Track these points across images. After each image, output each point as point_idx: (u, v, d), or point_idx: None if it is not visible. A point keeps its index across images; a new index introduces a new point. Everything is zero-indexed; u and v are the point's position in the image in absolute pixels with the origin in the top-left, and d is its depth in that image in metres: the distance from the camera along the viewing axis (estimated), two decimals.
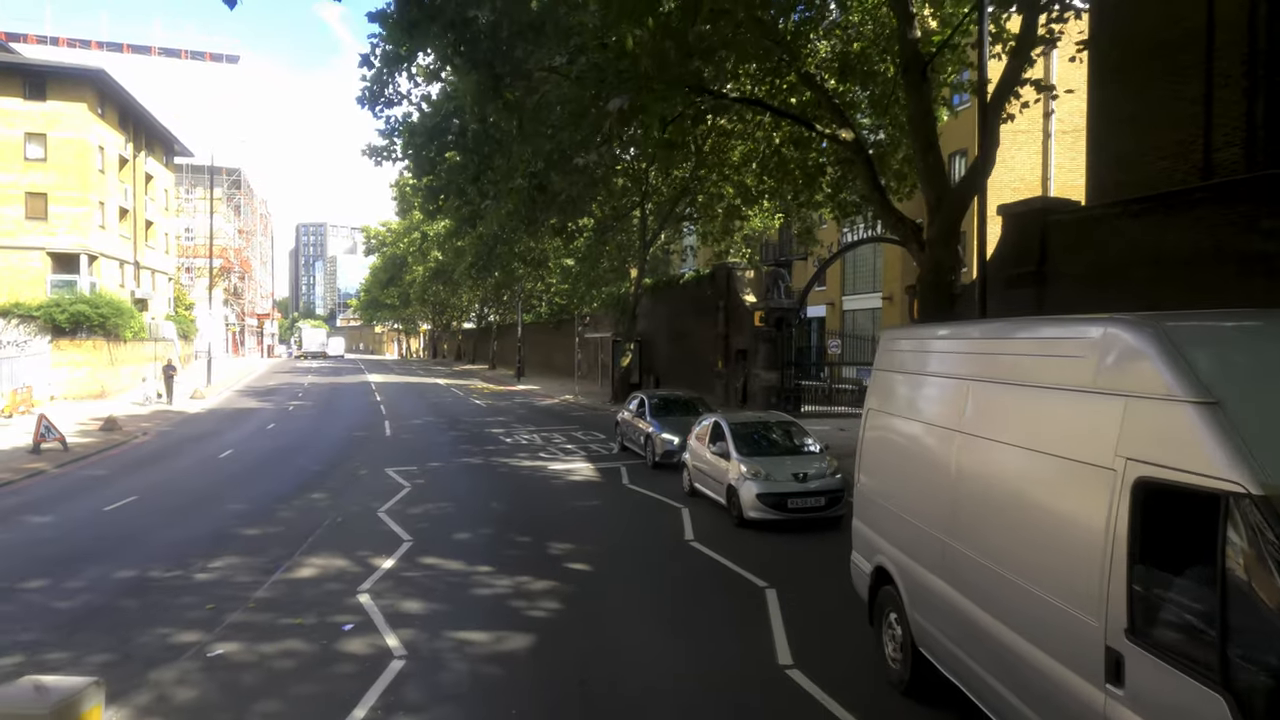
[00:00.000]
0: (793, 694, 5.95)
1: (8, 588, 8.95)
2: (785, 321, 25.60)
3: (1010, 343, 4.65)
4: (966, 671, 4.82)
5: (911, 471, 5.66)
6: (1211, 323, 3.80)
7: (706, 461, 12.88)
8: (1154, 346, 3.36)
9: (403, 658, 6.65)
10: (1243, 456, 2.85)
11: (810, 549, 10.09)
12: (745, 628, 7.33)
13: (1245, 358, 3.31)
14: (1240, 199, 13.39)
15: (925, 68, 15.03)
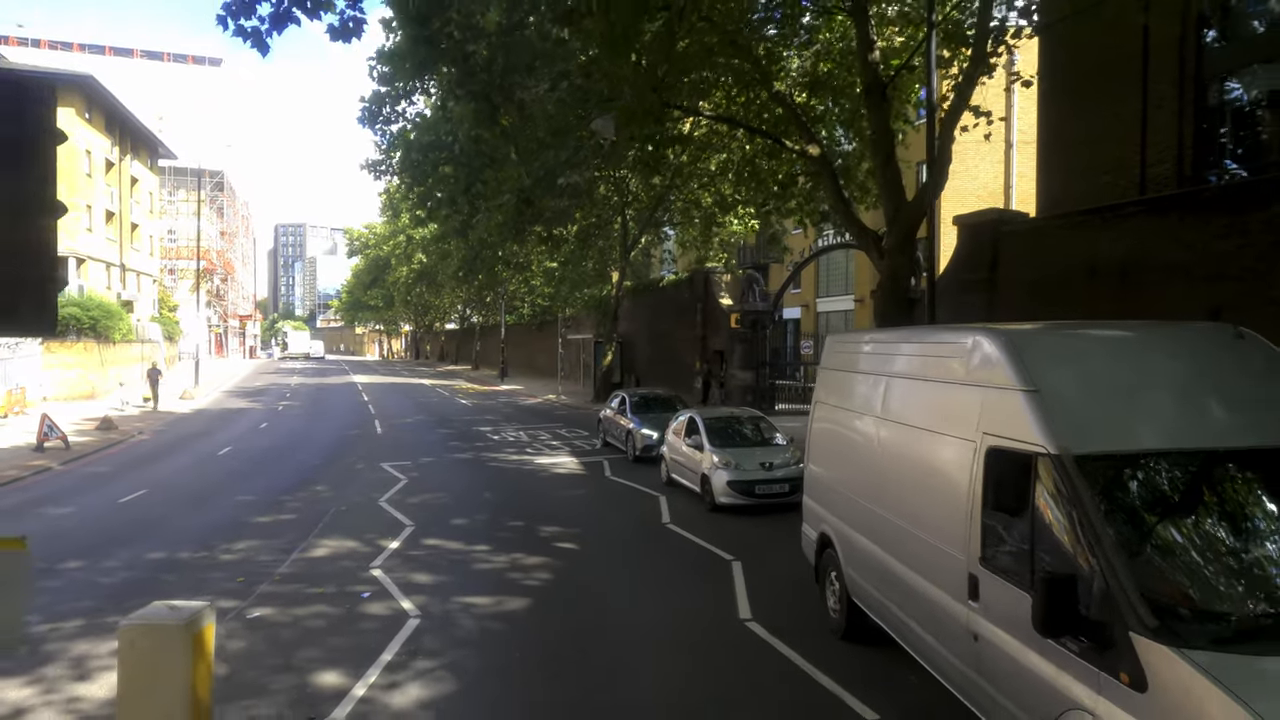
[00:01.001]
0: (749, 640, 7.11)
1: (48, 568, 9.87)
2: (760, 323, 26.83)
3: (913, 346, 5.82)
4: (885, 610, 5.99)
5: (846, 452, 6.83)
6: (1042, 331, 5.01)
7: (682, 454, 14.03)
8: (1003, 351, 4.54)
9: (417, 617, 7.73)
10: (1047, 427, 4.02)
11: (774, 529, 11.26)
12: (712, 591, 8.48)
13: (1059, 358, 4.49)
14: (1166, 212, 14.78)
15: (885, 89, 16.27)
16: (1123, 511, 3.76)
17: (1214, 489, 3.96)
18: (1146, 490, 3.97)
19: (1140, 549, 3.62)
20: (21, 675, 6.42)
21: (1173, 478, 4.01)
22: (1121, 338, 4.80)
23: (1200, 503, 3.93)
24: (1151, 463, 3.99)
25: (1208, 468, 3.98)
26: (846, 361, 7.13)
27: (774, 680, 6.25)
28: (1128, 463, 3.95)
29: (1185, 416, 4.15)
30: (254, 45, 7.90)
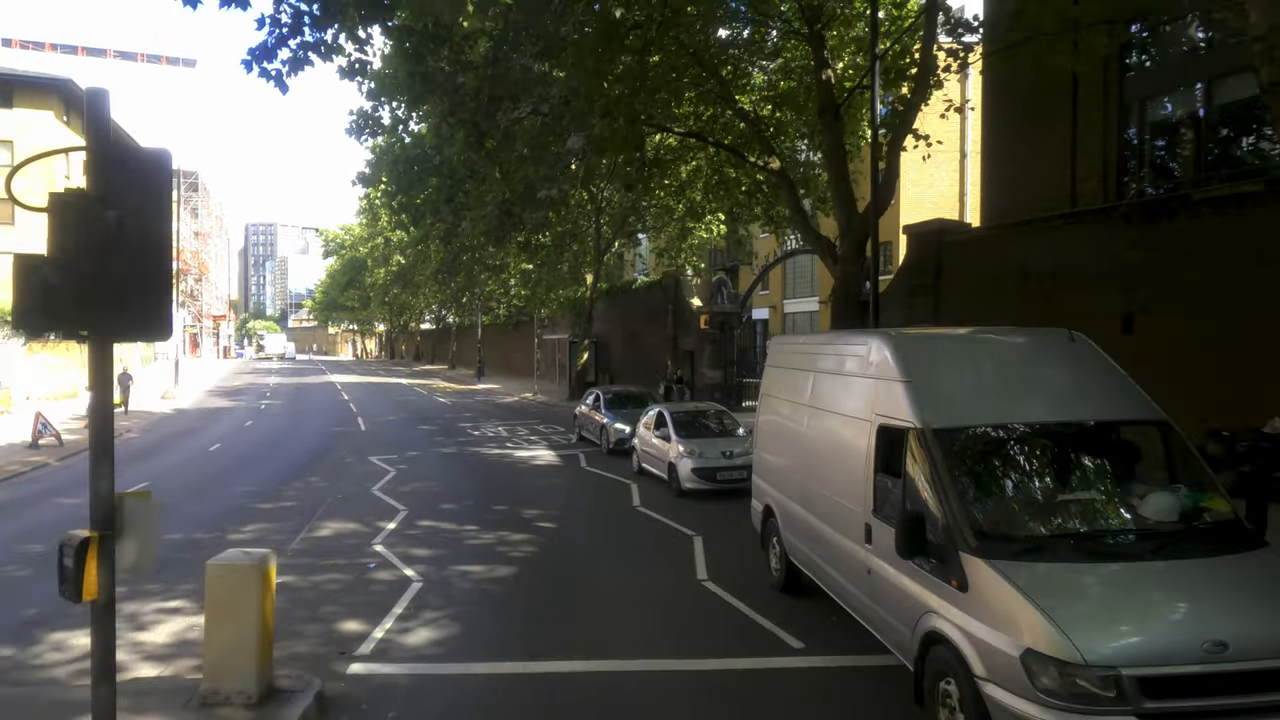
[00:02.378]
0: (704, 595, 8.43)
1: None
2: (728, 324, 28.26)
3: (832, 347, 7.17)
4: (812, 563, 7.34)
5: (785, 435, 8.18)
6: (919, 335, 6.39)
7: (652, 445, 15.35)
8: (889, 352, 5.90)
9: (419, 581, 8.95)
10: (916, 409, 5.38)
11: (732, 510, 12.58)
12: (675, 559, 9.80)
13: (928, 357, 5.86)
14: (1086, 225, 16.40)
15: (838, 109, 17.72)
16: (961, 467, 5.13)
17: (1025, 451, 5.36)
18: (978, 452, 5.34)
19: (970, 494, 4.99)
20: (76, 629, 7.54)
21: (998, 443, 5.39)
22: (977, 340, 6.21)
23: (1014, 461, 5.32)
24: (984, 433, 5.38)
25: (1023, 436, 5.38)
26: (785, 360, 8.49)
27: (722, 622, 7.58)
28: (967, 433, 5.32)
29: (1013, 400, 5.55)
30: (276, 85, 9.06)
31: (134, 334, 4.71)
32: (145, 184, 4.57)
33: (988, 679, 4.37)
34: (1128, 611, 4.30)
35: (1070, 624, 4.11)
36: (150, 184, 4.60)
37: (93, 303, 4.29)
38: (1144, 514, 4.96)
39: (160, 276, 4.65)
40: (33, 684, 6.35)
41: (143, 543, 4.58)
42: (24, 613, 8.15)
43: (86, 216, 4.24)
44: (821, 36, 17.46)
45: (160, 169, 4.68)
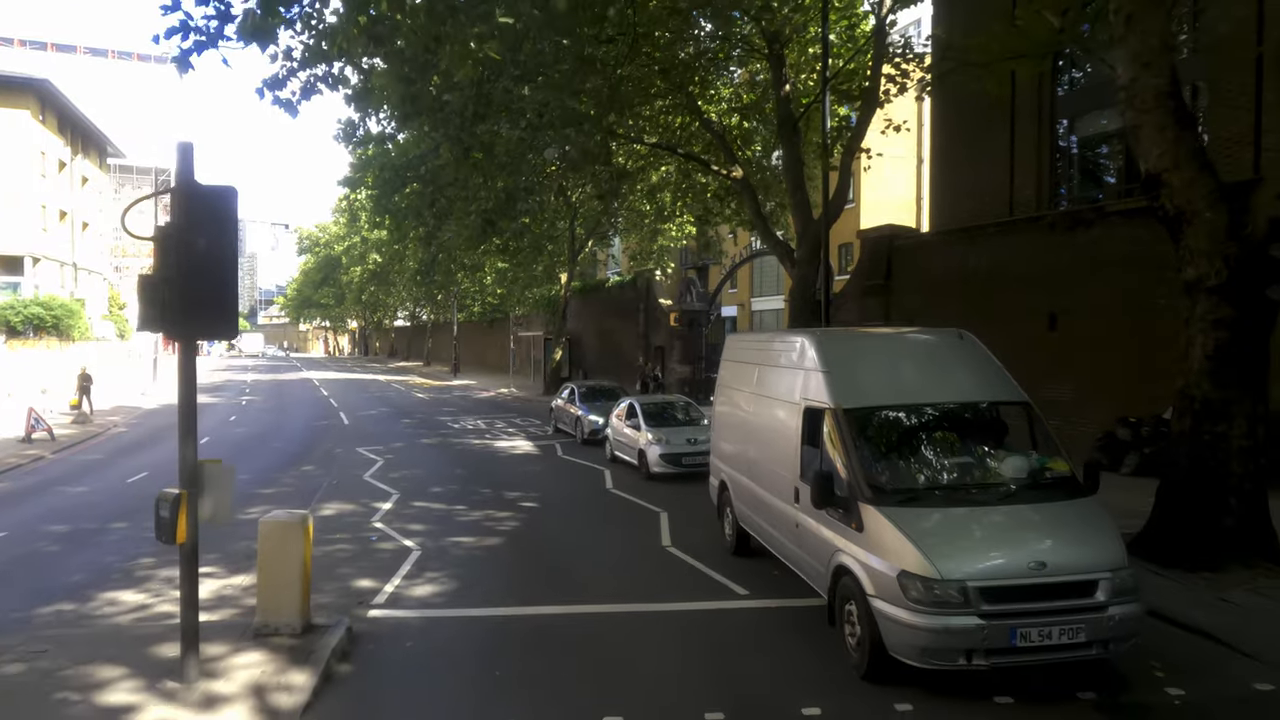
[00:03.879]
0: (668, 557, 9.79)
1: (100, 528, 12.04)
2: (697, 322, 29.67)
3: (773, 343, 8.55)
4: (757, 526, 8.72)
5: (736, 418, 9.55)
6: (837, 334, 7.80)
7: (624, 434, 16.67)
8: (814, 347, 7.28)
9: (418, 550, 10.19)
10: (831, 393, 6.76)
11: (696, 490, 13.90)
12: (643, 531, 11.15)
13: (842, 351, 7.26)
14: (1016, 233, 18.02)
15: (796, 124, 19.16)
16: (863, 437, 6.52)
17: (914, 425, 6.78)
18: (876, 426, 6.74)
19: (869, 458, 6.38)
20: (131, 588, 8.71)
21: (893, 419, 6.80)
22: (885, 338, 7.64)
23: (905, 432, 6.74)
24: (883, 411, 6.79)
25: (910, 414, 6.81)
26: (737, 355, 9.87)
27: (682, 577, 8.94)
28: (869, 412, 6.72)
29: (909, 385, 6.97)
30: (286, 111, 10.21)
31: (212, 334, 5.95)
32: (217, 215, 5.81)
33: (875, 596, 5.76)
34: (975, 541, 5.73)
35: (932, 551, 5.52)
36: (221, 215, 5.84)
37: (186, 309, 5.51)
38: (1001, 472, 6.40)
39: (230, 287, 5.89)
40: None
41: (218, 499, 5.82)
42: (71, 579, 9.28)
43: (181, 244, 5.46)
44: (781, 57, 18.89)
45: (227, 203, 5.91)
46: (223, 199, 5.84)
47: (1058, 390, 16.56)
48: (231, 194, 5.92)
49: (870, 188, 34.44)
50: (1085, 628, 5.45)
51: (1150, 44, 8.40)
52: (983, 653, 5.40)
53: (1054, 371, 16.46)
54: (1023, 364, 16.59)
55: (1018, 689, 5.67)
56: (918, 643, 5.46)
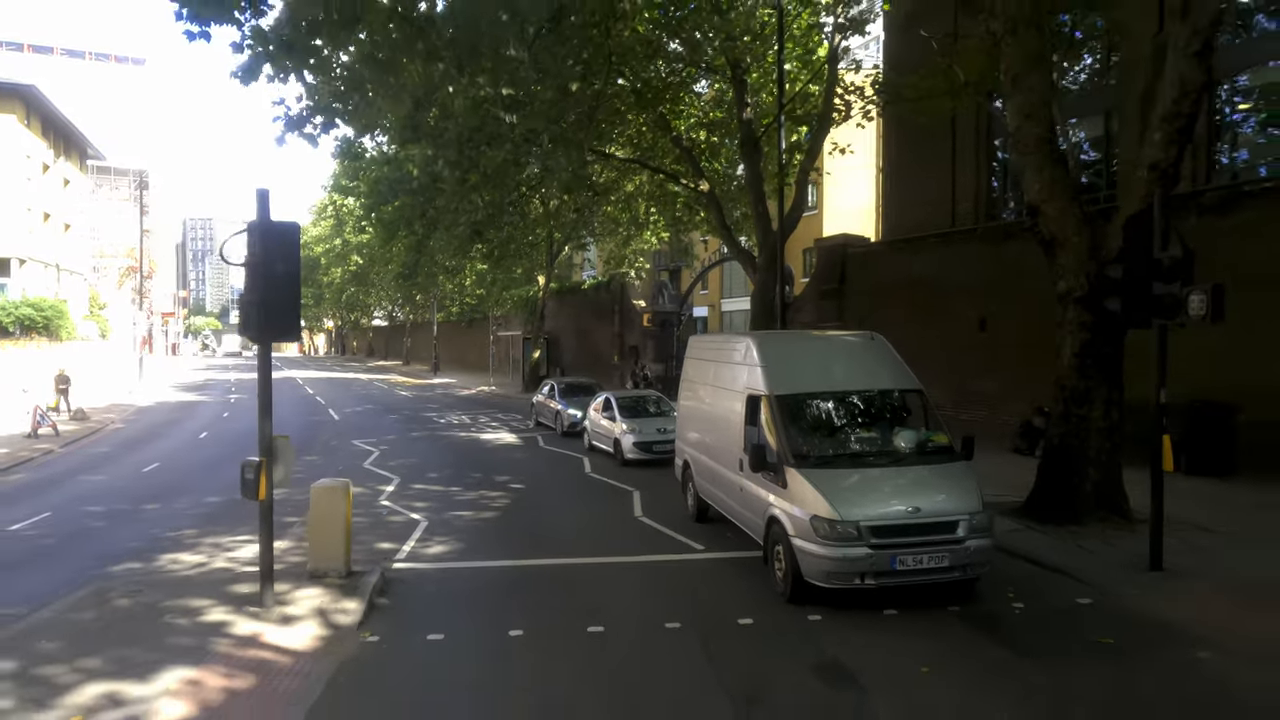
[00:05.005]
0: (639, 524, 11.56)
1: (134, 508, 13.53)
2: (669, 322, 31.44)
3: (725, 344, 10.36)
4: (712, 495, 10.52)
5: (696, 407, 11.33)
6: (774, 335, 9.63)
7: (601, 425, 18.40)
8: (755, 347, 9.09)
9: (425, 521, 11.85)
10: (768, 383, 8.57)
11: (665, 474, 15.67)
12: (618, 505, 12.91)
13: (777, 349, 9.08)
14: (953, 244, 20.03)
15: (757, 142, 21.01)
16: (790, 417, 8.33)
17: (830, 407, 8.62)
18: (801, 409, 8.55)
19: (793, 433, 8.20)
20: (185, 552, 10.28)
21: (813, 404, 8.63)
22: (812, 338, 9.50)
23: (823, 413, 8.58)
24: (806, 398, 8.61)
25: (828, 399, 8.65)
26: (698, 354, 11.67)
27: (650, 538, 10.71)
28: (796, 398, 8.53)
29: (829, 376, 8.80)
30: (309, 142, 11.82)
31: (282, 338, 7.58)
32: (286, 246, 7.45)
33: (795, 535, 7.58)
34: (868, 493, 7.56)
35: (835, 500, 7.35)
36: (289, 245, 7.48)
37: (265, 316, 7.17)
38: (895, 442, 8.26)
39: (293, 301, 7.53)
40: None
41: (285, 466, 7.49)
42: (127, 545, 10.83)
43: (264, 267, 7.12)
44: (744, 81, 20.73)
45: (292, 235, 7.56)
46: (290, 232, 7.50)
47: (988, 384, 18.62)
48: (295, 228, 7.59)
49: (833, 196, 36.35)
50: (948, 556, 7.31)
51: (1032, 99, 10.33)
52: (871, 575, 7.24)
53: (984, 368, 18.51)
54: (958, 361, 18.85)
55: (901, 603, 7.52)
56: (824, 568, 7.29)
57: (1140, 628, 7.02)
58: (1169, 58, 9.13)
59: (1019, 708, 5.63)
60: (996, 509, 10.44)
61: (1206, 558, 8.80)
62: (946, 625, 7.22)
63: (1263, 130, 15.69)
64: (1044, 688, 5.92)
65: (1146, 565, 8.31)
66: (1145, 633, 6.92)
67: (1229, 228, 13.41)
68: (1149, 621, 7.13)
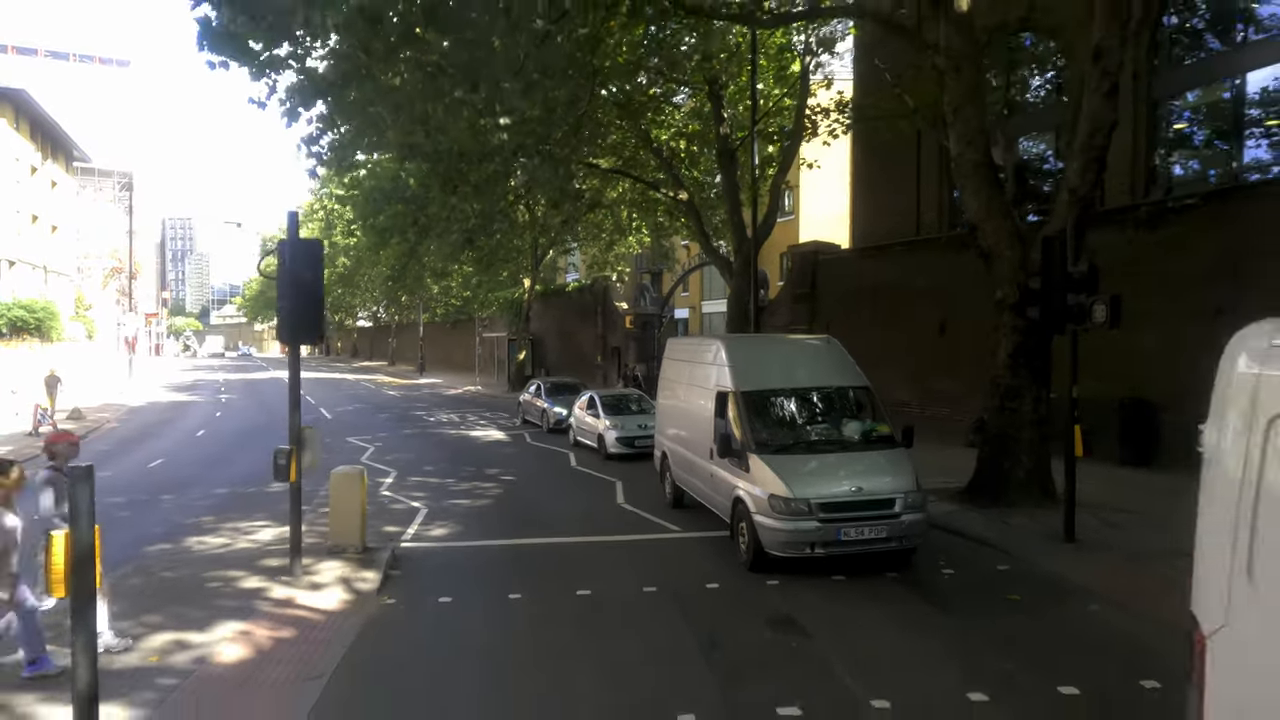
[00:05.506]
0: (621, 510, 12.72)
1: (151, 498, 14.50)
2: (650, 324, 32.62)
3: (698, 346, 11.54)
4: (687, 482, 11.69)
5: (673, 404, 12.50)
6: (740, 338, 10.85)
7: (585, 422, 19.53)
8: (724, 349, 10.27)
9: (425, 509, 12.93)
10: (734, 381, 9.75)
11: (645, 467, 16.76)
12: (602, 494, 14.06)
13: (743, 351, 10.28)
14: (917, 251, 21.35)
15: (734, 153, 22.24)
16: (752, 410, 9.52)
17: (788, 402, 9.82)
18: (763, 403, 9.74)
19: (755, 424, 9.39)
20: (209, 535, 11.30)
21: (773, 399, 9.83)
22: (774, 340, 10.70)
23: (781, 407, 9.78)
24: (767, 394, 9.80)
25: (787, 395, 9.85)
26: (675, 355, 12.85)
27: (631, 521, 11.87)
28: (760, 394, 9.72)
29: (788, 374, 10.00)
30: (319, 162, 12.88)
31: (307, 340, 8.66)
32: (312, 260, 8.54)
33: (756, 512, 8.76)
34: (818, 475, 8.76)
35: (789, 480, 8.54)
36: (314, 259, 8.57)
37: (295, 322, 8.26)
38: (843, 432, 9.47)
39: (318, 307, 8.63)
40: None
41: (313, 452, 8.57)
42: (154, 530, 11.82)
43: (293, 279, 8.20)
44: (720, 96, 21.95)
45: (316, 250, 8.66)
46: (315, 248, 8.60)
47: (947, 384, 19.94)
48: (319, 245, 8.70)
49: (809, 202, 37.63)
50: (886, 528, 8.53)
51: (970, 128, 11.60)
52: (820, 545, 8.45)
53: (945, 368, 19.83)
54: (922, 362, 20.18)
55: (847, 570, 8.73)
56: (780, 539, 8.48)
57: (1046, 587, 8.27)
58: (1085, 95, 10.42)
59: (931, 643, 6.84)
60: (942, 494, 11.77)
61: (1117, 533, 10.09)
62: (884, 587, 8.44)
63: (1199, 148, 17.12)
64: (955, 631, 7.15)
65: (1062, 538, 9.58)
66: (1049, 591, 8.17)
67: (1157, 241, 14.79)
68: (1054, 582, 8.39)
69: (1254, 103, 15.44)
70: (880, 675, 6.13)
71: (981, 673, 6.16)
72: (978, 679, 6.02)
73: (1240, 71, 15.56)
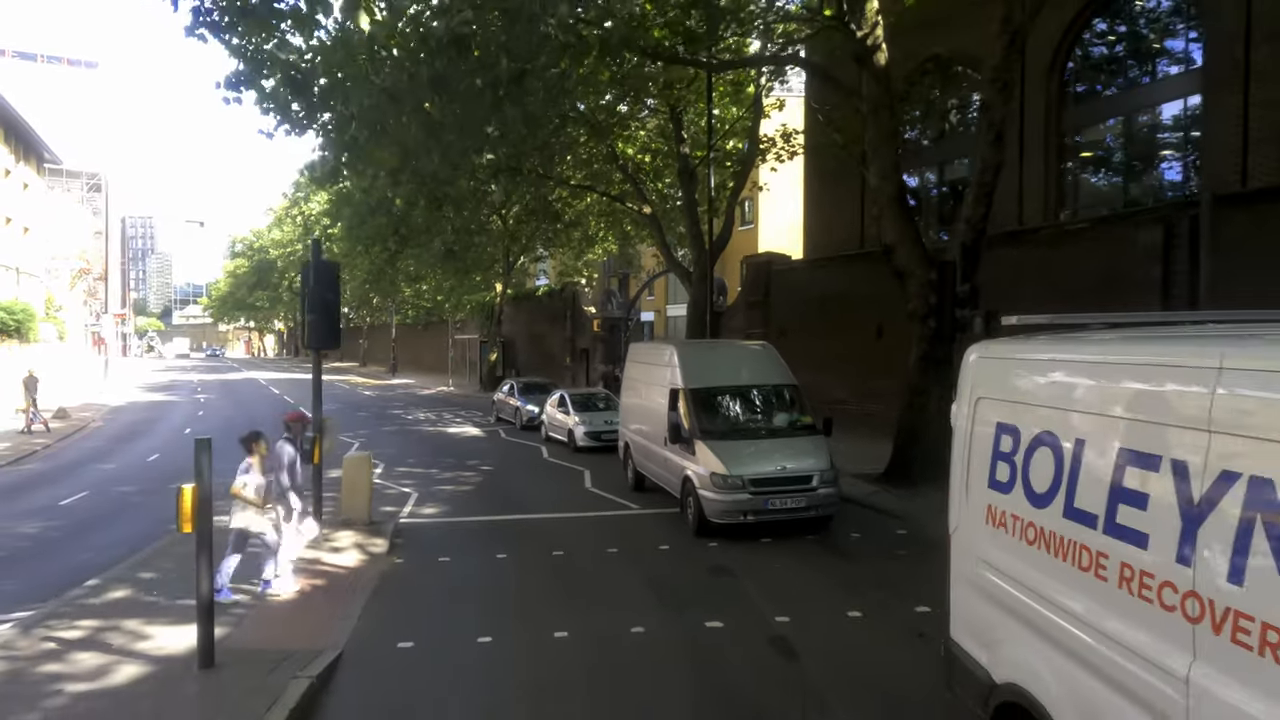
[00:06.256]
0: (589, 492, 14.56)
1: (161, 487, 15.95)
2: (617, 327, 34.42)
3: (655, 349, 13.44)
4: (645, 468, 13.57)
5: (635, 400, 14.38)
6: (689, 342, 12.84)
7: (556, 419, 21.33)
8: (676, 352, 12.18)
9: (415, 493, 14.64)
10: (683, 379, 11.65)
11: (610, 459, 18.64)
12: (572, 481, 15.89)
13: (691, 354, 12.20)
14: (857, 264, 23.48)
15: (693, 172, 24.20)
16: (698, 404, 11.43)
17: (729, 397, 11.77)
18: (707, 398, 11.66)
19: (701, 415, 11.30)
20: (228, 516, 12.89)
21: (715, 395, 11.76)
22: (719, 345, 12.69)
23: (723, 401, 11.72)
24: (712, 390, 11.72)
25: (727, 392, 11.80)
26: (636, 358, 14.74)
27: (596, 500, 13.73)
28: (705, 391, 11.64)
29: (730, 373, 11.95)
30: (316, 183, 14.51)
31: (327, 346, 10.37)
32: (331, 279, 10.29)
33: (700, 488, 10.68)
34: (751, 457, 10.70)
35: (727, 461, 10.47)
36: (330, 276, 10.31)
37: (319, 331, 9.99)
38: (774, 423, 11.44)
39: (337, 318, 10.37)
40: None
41: (333, 438, 10.32)
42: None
43: (318, 296, 9.94)
44: (680, 118, 23.90)
45: (334, 270, 10.40)
46: (334, 269, 10.33)
47: (883, 383, 22.07)
48: (337, 266, 10.43)
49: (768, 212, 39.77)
50: (805, 499, 10.50)
51: (885, 165, 13.66)
52: (751, 512, 10.39)
53: (880, 370, 21.95)
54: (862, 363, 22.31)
55: (774, 534, 10.68)
56: (719, 509, 10.41)
57: (928, 546, 10.26)
58: (977, 139, 12.51)
59: (828, 581, 8.80)
60: (866, 478, 13.82)
61: None
62: (802, 546, 10.41)
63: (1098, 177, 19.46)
64: (849, 574, 9.13)
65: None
66: (930, 548, 10.15)
67: (1058, 257, 17.02)
68: (936, 543, 10.39)
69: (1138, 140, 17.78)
70: (785, 601, 8.06)
71: (862, 599, 8.14)
72: (858, 603, 8.00)
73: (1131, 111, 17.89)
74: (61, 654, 6.51)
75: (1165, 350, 3.65)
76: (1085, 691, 3.64)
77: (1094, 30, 18.72)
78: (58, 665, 6.32)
